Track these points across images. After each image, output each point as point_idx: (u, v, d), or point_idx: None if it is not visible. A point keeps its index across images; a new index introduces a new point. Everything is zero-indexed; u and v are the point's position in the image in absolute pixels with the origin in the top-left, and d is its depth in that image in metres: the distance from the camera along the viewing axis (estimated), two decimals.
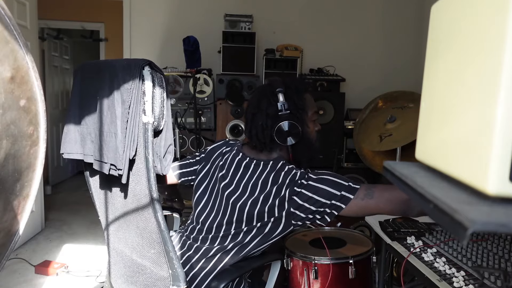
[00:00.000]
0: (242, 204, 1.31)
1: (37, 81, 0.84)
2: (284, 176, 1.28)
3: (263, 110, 1.35)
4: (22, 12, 3.12)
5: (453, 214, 0.44)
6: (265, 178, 1.30)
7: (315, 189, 1.24)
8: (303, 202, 1.24)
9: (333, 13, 4.01)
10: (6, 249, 0.88)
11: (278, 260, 1.51)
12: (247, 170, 1.35)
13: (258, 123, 1.36)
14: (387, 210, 1.23)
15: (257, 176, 1.32)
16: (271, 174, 1.30)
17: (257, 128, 1.36)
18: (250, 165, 1.36)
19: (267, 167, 1.33)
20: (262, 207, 1.28)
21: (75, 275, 2.77)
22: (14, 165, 0.82)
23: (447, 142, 0.56)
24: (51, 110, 4.94)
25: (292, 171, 1.29)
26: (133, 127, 1.13)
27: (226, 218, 1.35)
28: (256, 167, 1.35)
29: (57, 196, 4.83)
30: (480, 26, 0.50)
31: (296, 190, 1.25)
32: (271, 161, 1.34)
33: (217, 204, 1.39)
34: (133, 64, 1.15)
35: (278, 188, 1.27)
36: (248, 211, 1.30)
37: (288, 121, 1.33)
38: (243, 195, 1.32)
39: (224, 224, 1.35)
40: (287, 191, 1.26)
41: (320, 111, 3.44)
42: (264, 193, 1.28)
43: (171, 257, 1.18)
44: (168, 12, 3.92)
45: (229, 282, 1.30)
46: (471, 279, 1.05)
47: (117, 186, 1.28)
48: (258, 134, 1.36)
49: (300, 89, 1.39)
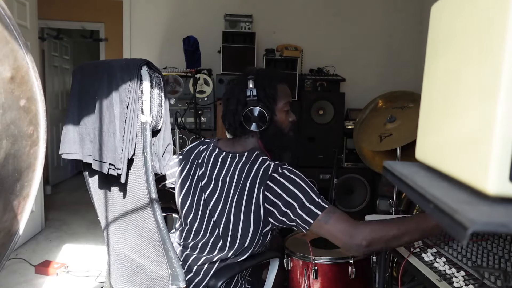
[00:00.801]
0: (222, 206, 1.32)
1: (37, 81, 0.84)
2: (257, 167, 1.30)
3: (235, 95, 1.40)
4: (22, 12, 3.12)
5: (453, 214, 0.44)
6: (241, 169, 1.33)
7: (284, 187, 1.25)
8: (274, 198, 1.26)
9: (333, 13, 4.01)
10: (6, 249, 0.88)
11: (276, 258, 1.51)
12: (224, 165, 1.37)
13: (230, 108, 1.40)
14: (338, 240, 1.21)
15: (233, 168, 1.34)
16: (246, 165, 1.32)
17: (229, 113, 1.40)
18: (227, 158, 1.38)
19: (242, 158, 1.35)
20: (245, 220, 1.28)
21: (75, 275, 2.77)
22: (14, 165, 0.82)
23: (447, 142, 0.56)
24: (51, 110, 4.94)
25: (265, 163, 1.30)
26: (131, 126, 1.14)
27: (210, 223, 1.35)
28: (232, 160, 1.37)
29: (57, 196, 4.83)
30: (480, 26, 0.50)
31: (268, 184, 1.26)
32: (246, 152, 1.36)
33: (201, 206, 1.39)
34: (131, 63, 1.15)
35: (252, 182, 1.28)
36: (232, 228, 1.30)
37: (255, 107, 1.35)
38: (222, 192, 1.33)
39: (209, 229, 1.36)
40: (261, 187, 1.27)
41: (320, 111, 3.44)
42: (239, 186, 1.30)
43: (170, 256, 1.18)
44: (168, 12, 3.92)
45: (227, 280, 1.30)
46: (471, 279, 1.05)
47: (116, 186, 1.28)
48: (229, 119, 1.40)
49: (273, 78, 1.42)
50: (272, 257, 1.50)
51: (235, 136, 1.44)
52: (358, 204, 3.45)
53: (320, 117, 3.44)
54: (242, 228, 1.29)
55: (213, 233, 1.35)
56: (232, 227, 1.30)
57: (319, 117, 3.44)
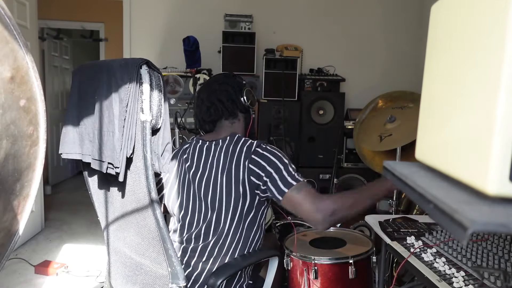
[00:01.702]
0: (213, 187, 1.41)
1: (37, 81, 0.84)
2: (241, 145, 1.43)
3: (229, 90, 1.53)
4: (22, 12, 3.12)
5: (453, 214, 0.44)
6: (226, 150, 1.43)
7: (267, 160, 1.37)
8: (259, 170, 1.36)
9: (333, 13, 4.01)
10: (6, 249, 0.88)
11: (275, 257, 1.51)
12: (209, 152, 1.47)
13: (229, 91, 1.53)
14: (305, 211, 1.32)
15: (219, 152, 1.45)
16: (230, 146, 1.44)
17: (224, 99, 1.52)
18: (211, 146, 1.48)
19: (226, 141, 1.46)
20: (236, 195, 1.39)
21: (75, 275, 2.77)
22: (14, 165, 0.82)
23: (447, 142, 0.56)
24: (51, 110, 4.94)
25: (248, 141, 1.44)
26: (130, 125, 1.14)
27: (203, 210, 1.43)
28: (216, 146, 1.47)
29: (57, 196, 4.83)
30: (480, 25, 0.50)
31: (252, 157, 1.38)
32: (228, 137, 1.47)
33: (191, 198, 1.46)
34: (131, 63, 1.16)
35: (238, 158, 1.39)
36: (225, 205, 1.40)
37: (246, 96, 1.54)
38: (211, 175, 1.43)
39: (201, 217, 1.43)
40: (246, 161, 1.38)
41: (320, 111, 3.44)
42: (226, 165, 1.40)
43: (170, 254, 1.19)
44: (168, 12, 3.92)
45: (227, 277, 1.32)
46: (471, 279, 1.05)
47: (116, 185, 1.28)
48: (226, 103, 1.52)
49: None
50: (272, 256, 1.51)
51: (222, 122, 1.56)
52: None
53: (320, 117, 3.44)
54: (234, 202, 1.38)
55: (206, 218, 1.41)
56: (225, 204, 1.39)
57: (319, 117, 3.44)
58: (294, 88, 3.42)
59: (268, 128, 3.29)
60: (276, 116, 3.38)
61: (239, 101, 1.53)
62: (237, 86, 1.55)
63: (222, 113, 1.52)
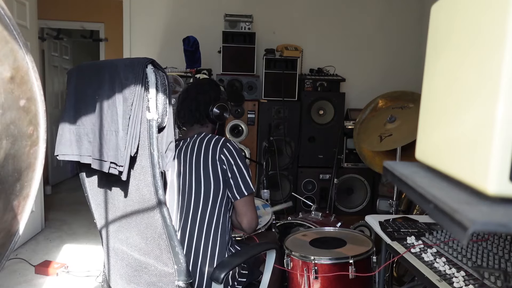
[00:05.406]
0: (196, 182, 1.57)
1: (37, 81, 0.84)
2: (215, 140, 1.59)
3: (208, 93, 1.71)
4: (22, 12, 3.12)
5: (453, 214, 0.44)
6: (199, 144, 1.60)
7: (233, 155, 1.56)
8: (226, 161, 1.55)
9: (333, 13, 4.01)
10: (6, 249, 0.88)
11: (273, 250, 1.52)
12: (188, 148, 1.62)
13: (202, 102, 1.69)
14: (249, 218, 1.57)
15: (197, 147, 1.60)
16: (204, 140, 1.61)
17: (202, 105, 1.70)
18: (190, 142, 1.64)
19: (200, 136, 1.63)
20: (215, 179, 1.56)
21: (75, 275, 2.77)
22: (14, 165, 0.82)
23: (447, 142, 0.56)
24: (51, 110, 4.94)
25: (216, 136, 1.64)
26: (135, 124, 1.14)
27: (192, 201, 1.57)
28: (194, 142, 1.63)
29: (57, 196, 4.83)
30: (480, 26, 0.50)
31: (222, 149, 1.56)
32: (203, 133, 1.65)
33: (177, 193, 1.59)
34: (136, 62, 1.17)
35: (213, 149, 1.56)
36: (204, 188, 1.56)
37: (222, 104, 1.72)
38: (192, 168, 1.58)
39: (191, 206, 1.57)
40: (216, 151, 1.56)
41: (320, 111, 3.44)
42: (201, 156, 1.57)
43: (177, 252, 1.19)
44: (168, 12, 3.92)
45: (229, 271, 1.34)
46: (471, 279, 1.05)
47: (117, 185, 1.28)
48: (194, 113, 1.69)
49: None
50: (269, 249, 1.53)
51: (193, 125, 1.73)
52: (358, 204, 3.45)
53: (320, 117, 3.44)
54: (214, 187, 1.54)
55: (191, 202, 1.56)
56: (203, 188, 1.55)
57: (319, 117, 3.44)
58: (294, 88, 3.42)
59: (268, 128, 3.29)
60: (276, 116, 3.38)
61: (209, 111, 1.68)
62: (214, 97, 1.70)
63: (192, 118, 1.69)
